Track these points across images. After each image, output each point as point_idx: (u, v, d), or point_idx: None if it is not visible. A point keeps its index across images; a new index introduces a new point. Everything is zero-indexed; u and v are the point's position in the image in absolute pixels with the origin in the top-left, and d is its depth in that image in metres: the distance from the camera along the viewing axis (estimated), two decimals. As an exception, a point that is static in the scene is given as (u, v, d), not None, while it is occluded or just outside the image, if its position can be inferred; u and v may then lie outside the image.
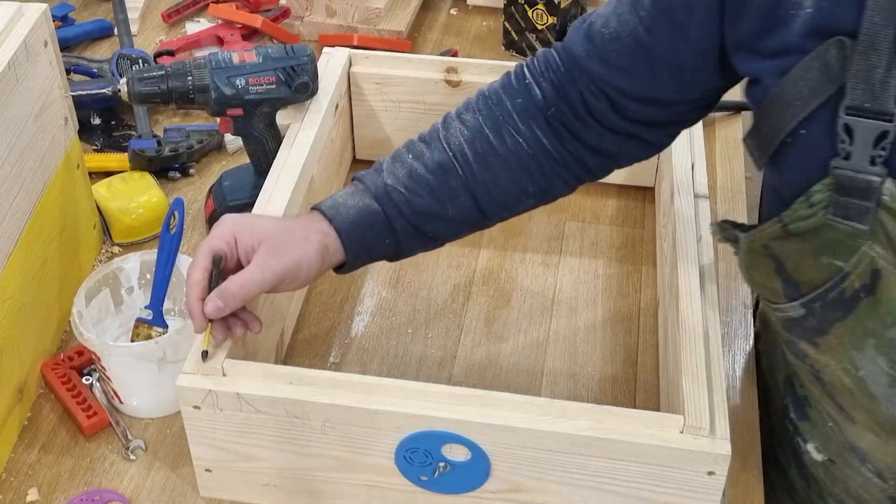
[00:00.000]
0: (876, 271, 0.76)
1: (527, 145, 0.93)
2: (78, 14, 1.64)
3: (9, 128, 0.98)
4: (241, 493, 0.95)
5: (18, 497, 0.96)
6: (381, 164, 0.95)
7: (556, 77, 0.92)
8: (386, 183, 0.92)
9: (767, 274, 0.85)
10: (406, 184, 0.92)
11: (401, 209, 0.92)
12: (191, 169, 1.34)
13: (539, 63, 0.94)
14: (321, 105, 1.18)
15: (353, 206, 0.92)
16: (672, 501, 0.86)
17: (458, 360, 1.10)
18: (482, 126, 0.93)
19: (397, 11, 1.61)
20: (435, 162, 0.93)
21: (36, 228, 1.04)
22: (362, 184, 0.94)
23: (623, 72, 0.88)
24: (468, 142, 0.93)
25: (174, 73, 1.11)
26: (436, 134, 0.95)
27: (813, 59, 0.74)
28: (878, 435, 0.87)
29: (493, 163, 0.93)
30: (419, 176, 0.92)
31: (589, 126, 0.92)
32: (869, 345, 0.80)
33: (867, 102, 0.72)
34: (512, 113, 0.93)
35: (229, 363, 0.89)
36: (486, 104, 0.94)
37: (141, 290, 1.09)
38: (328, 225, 0.91)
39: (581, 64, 0.90)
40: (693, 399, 0.85)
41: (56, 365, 1.06)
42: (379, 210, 0.92)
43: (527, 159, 0.93)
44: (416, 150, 0.94)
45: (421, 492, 0.91)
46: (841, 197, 0.74)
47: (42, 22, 1.03)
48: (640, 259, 1.22)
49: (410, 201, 0.92)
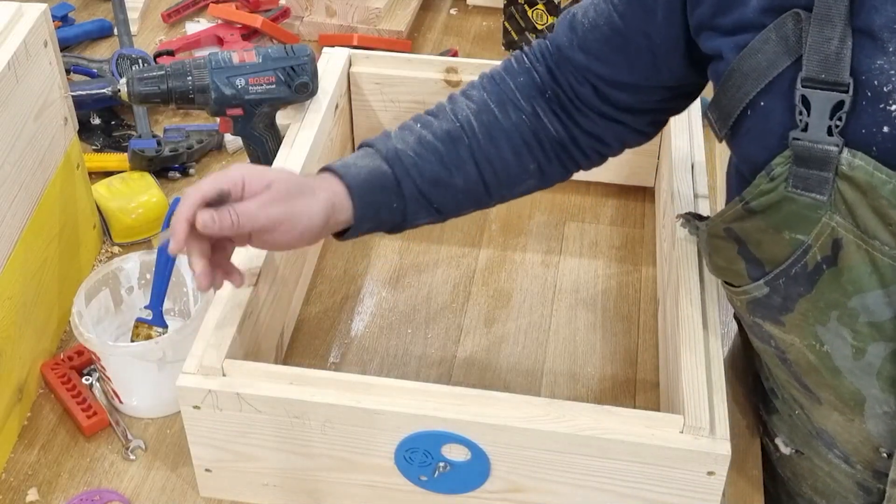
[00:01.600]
0: (836, 241, 0.77)
1: (528, 121, 0.95)
2: (78, 14, 1.64)
3: (9, 128, 0.98)
4: (241, 493, 0.95)
5: (18, 497, 0.96)
6: (389, 132, 0.96)
7: (548, 64, 0.96)
8: (396, 147, 0.93)
9: (730, 257, 0.86)
10: (415, 149, 0.93)
11: (410, 172, 0.93)
12: (191, 169, 1.34)
13: (535, 50, 0.97)
14: (321, 105, 1.18)
15: (363, 166, 0.92)
16: (672, 501, 0.86)
17: (458, 360, 1.10)
18: (487, 101, 0.96)
19: (397, 11, 1.62)
20: (444, 130, 0.94)
21: (36, 228, 1.04)
22: (372, 147, 0.94)
23: (602, 59, 0.91)
24: (474, 114, 0.95)
25: (174, 73, 1.11)
26: (443, 107, 0.97)
27: (770, 32, 0.76)
28: (843, 413, 0.88)
29: (498, 136, 0.95)
30: (428, 142, 0.94)
31: (579, 110, 0.95)
32: (833, 317, 0.81)
33: (823, 73, 0.74)
34: (515, 91, 0.96)
35: (229, 363, 0.89)
36: (491, 82, 0.97)
37: (141, 290, 1.09)
38: (339, 182, 0.91)
39: (565, 53, 0.94)
40: (693, 399, 0.85)
41: (56, 365, 1.06)
42: (389, 171, 0.92)
43: (529, 135, 0.95)
44: (423, 120, 0.96)
45: (421, 492, 0.91)
46: (800, 168, 0.76)
47: (42, 22, 1.03)
48: (640, 259, 1.22)
49: (419, 166, 0.93)
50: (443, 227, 1.25)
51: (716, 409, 0.85)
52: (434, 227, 1.25)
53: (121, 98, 1.13)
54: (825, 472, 0.96)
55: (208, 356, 0.89)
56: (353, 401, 0.86)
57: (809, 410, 0.92)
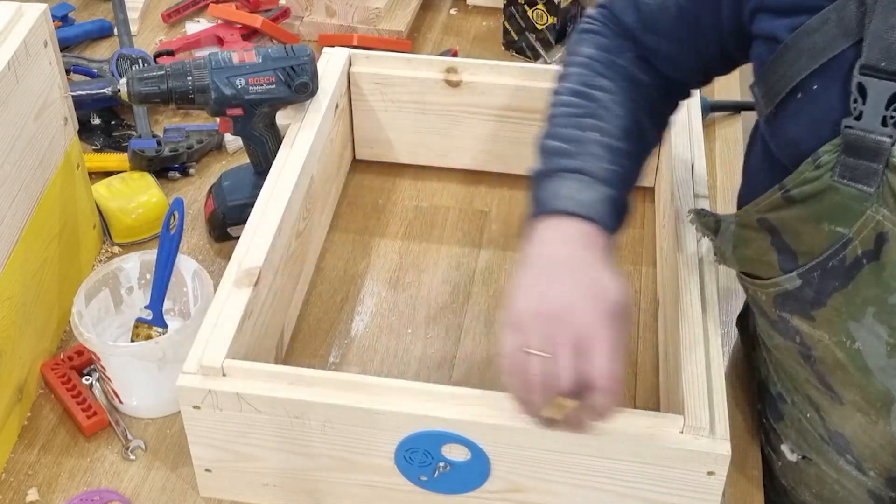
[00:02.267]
0: (881, 235, 0.75)
1: (646, 94, 0.94)
2: (78, 14, 1.64)
3: (9, 128, 0.98)
4: (241, 493, 0.95)
5: (18, 497, 0.96)
6: (567, 149, 0.89)
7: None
8: (604, 167, 0.88)
9: (761, 248, 0.85)
10: (612, 160, 0.89)
11: (624, 183, 0.89)
12: (191, 169, 1.34)
13: (603, 18, 0.95)
14: (321, 105, 1.18)
15: (596, 198, 0.86)
16: (672, 501, 0.86)
17: (458, 360, 1.10)
18: (616, 86, 0.92)
19: (397, 11, 1.62)
20: (620, 128, 0.90)
21: (36, 228, 1.04)
22: (583, 174, 0.87)
23: (671, 40, 0.90)
24: (620, 104, 0.91)
25: (174, 73, 1.11)
26: (592, 105, 0.91)
27: (830, 12, 0.74)
28: (866, 414, 0.87)
29: (641, 117, 0.92)
30: (617, 148, 0.89)
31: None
32: (869, 313, 0.79)
33: (884, 62, 0.71)
34: (627, 66, 0.93)
35: (229, 363, 0.89)
36: (606, 65, 0.93)
37: (141, 290, 1.09)
38: (590, 225, 0.84)
39: (632, 34, 0.92)
40: (693, 399, 0.85)
41: (56, 365, 1.06)
42: (614, 193, 0.87)
43: (648, 107, 0.94)
44: (587, 123, 0.90)
45: (421, 492, 0.91)
46: (849, 158, 0.74)
47: (42, 22, 1.03)
48: (640, 259, 1.22)
49: (627, 173, 0.90)
50: (443, 226, 1.26)
51: (716, 409, 0.85)
52: (434, 227, 1.26)
53: (121, 98, 1.13)
54: (833, 480, 0.94)
55: (208, 356, 0.89)
56: (353, 401, 0.86)
57: (827, 412, 0.91)
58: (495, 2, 1.64)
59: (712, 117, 1.43)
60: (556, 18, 1.51)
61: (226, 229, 1.22)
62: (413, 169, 1.34)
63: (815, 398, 0.92)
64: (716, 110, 1.44)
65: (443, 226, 1.26)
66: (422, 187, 1.32)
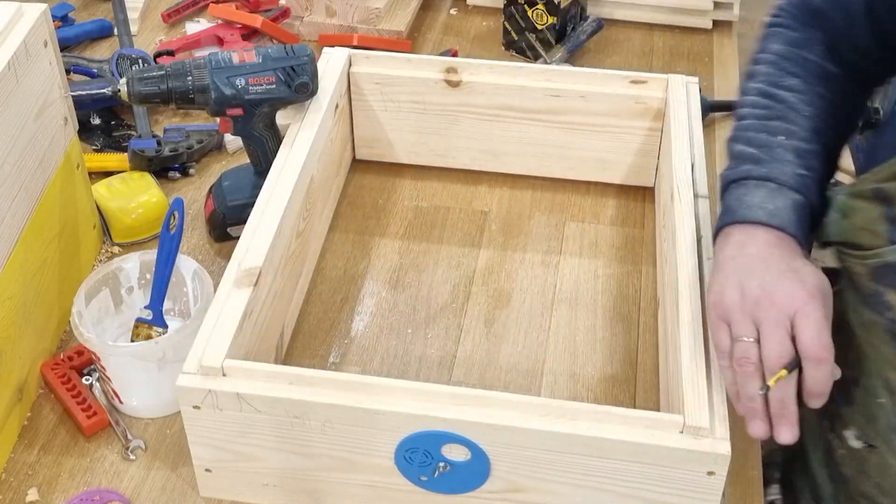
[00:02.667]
0: None
1: (839, 86, 0.94)
2: (78, 14, 1.64)
3: (9, 128, 0.98)
4: (241, 493, 0.95)
5: (18, 497, 0.96)
6: (757, 155, 0.91)
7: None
8: (793, 172, 0.89)
9: (871, 218, 0.85)
10: (805, 164, 0.90)
11: (813, 189, 0.90)
12: (191, 169, 1.34)
13: (791, 7, 0.96)
14: (321, 105, 1.18)
15: (785, 206, 0.88)
16: (672, 501, 0.86)
17: (458, 360, 1.10)
18: (808, 82, 0.93)
19: (397, 11, 1.62)
20: (809, 129, 0.91)
21: (36, 228, 1.04)
22: (772, 182, 0.89)
23: (857, 21, 0.91)
24: (820, 107, 0.93)
25: (174, 73, 1.11)
26: (778, 109, 0.93)
27: None
28: None
29: (836, 113, 0.93)
30: (805, 150, 0.90)
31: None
32: None
33: None
34: (817, 60, 0.94)
35: (229, 363, 0.89)
36: (795, 62, 0.94)
37: (141, 290, 1.09)
38: (779, 233, 0.87)
39: (822, 15, 0.93)
40: (693, 399, 0.85)
41: (56, 365, 1.06)
42: (803, 199, 0.89)
43: (837, 92, 0.94)
44: (772, 127, 0.91)
45: (421, 492, 0.91)
46: None
47: (42, 22, 1.03)
48: (640, 259, 1.22)
49: (816, 177, 0.91)
50: (443, 226, 1.26)
51: (716, 410, 0.85)
52: (434, 227, 1.26)
53: (121, 98, 1.13)
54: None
55: (208, 356, 0.89)
56: (353, 401, 0.86)
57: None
58: (495, 2, 1.64)
59: (712, 117, 1.43)
60: (556, 18, 1.51)
61: (226, 229, 1.22)
62: (413, 169, 1.34)
63: (892, 381, 0.90)
64: (716, 110, 1.44)
65: (443, 226, 1.26)
66: (422, 187, 1.32)
